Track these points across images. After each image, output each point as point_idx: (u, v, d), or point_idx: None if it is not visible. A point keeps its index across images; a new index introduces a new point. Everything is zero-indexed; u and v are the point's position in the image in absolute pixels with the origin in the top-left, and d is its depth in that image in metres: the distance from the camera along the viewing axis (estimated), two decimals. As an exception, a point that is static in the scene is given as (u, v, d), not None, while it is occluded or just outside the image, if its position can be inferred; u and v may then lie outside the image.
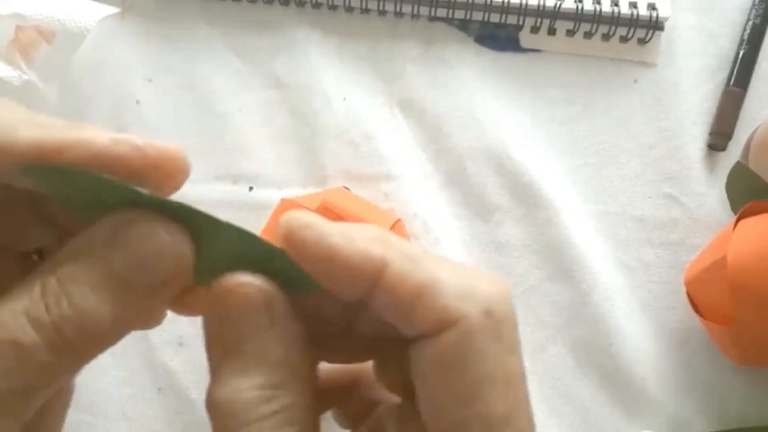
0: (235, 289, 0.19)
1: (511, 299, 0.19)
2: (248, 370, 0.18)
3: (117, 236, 0.18)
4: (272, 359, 0.18)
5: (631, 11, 0.47)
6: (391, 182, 0.46)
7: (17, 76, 0.43)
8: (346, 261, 0.18)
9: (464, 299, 0.18)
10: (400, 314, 0.18)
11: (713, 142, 0.47)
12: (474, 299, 0.18)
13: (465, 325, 0.18)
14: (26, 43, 0.43)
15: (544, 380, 0.45)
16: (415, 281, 0.18)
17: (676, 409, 0.44)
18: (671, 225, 0.46)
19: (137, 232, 0.18)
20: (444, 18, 0.49)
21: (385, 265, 0.18)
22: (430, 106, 0.48)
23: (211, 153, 0.47)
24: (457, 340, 0.18)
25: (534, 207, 0.46)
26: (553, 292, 0.45)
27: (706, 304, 0.42)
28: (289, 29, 0.49)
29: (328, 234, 0.18)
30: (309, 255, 0.18)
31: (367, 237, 0.19)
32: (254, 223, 0.45)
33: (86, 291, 0.17)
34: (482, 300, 0.18)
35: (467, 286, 0.18)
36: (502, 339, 0.18)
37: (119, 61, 0.48)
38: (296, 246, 0.19)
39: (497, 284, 0.19)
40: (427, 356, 0.18)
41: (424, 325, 0.18)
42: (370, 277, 0.18)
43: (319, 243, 0.18)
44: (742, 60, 0.48)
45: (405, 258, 0.18)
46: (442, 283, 0.18)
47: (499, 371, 0.18)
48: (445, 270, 0.19)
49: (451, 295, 0.18)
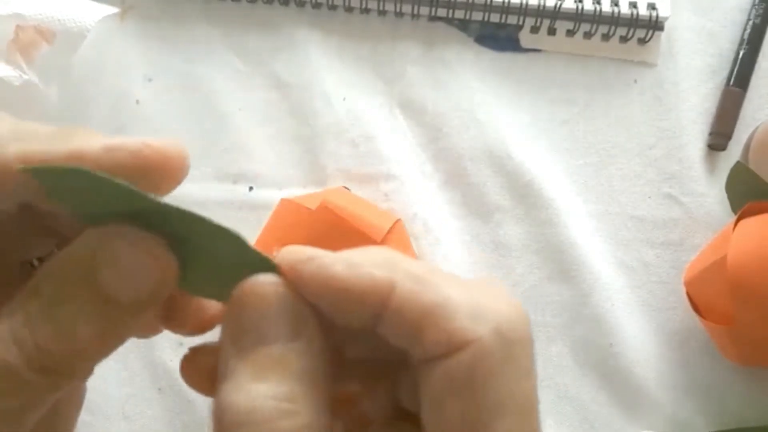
0: (265, 288, 0.18)
1: (526, 319, 0.18)
2: (268, 377, 0.17)
3: (99, 253, 0.17)
4: (295, 370, 0.17)
5: (631, 11, 0.47)
6: (391, 182, 0.46)
7: (17, 76, 0.43)
8: (351, 288, 0.17)
9: (476, 320, 0.17)
10: (409, 337, 0.18)
11: (713, 142, 0.47)
12: (486, 319, 0.17)
13: (477, 346, 0.17)
14: (26, 43, 0.43)
15: (544, 380, 0.45)
16: (424, 302, 0.17)
17: (676, 409, 0.44)
18: (671, 225, 0.46)
19: (119, 248, 0.17)
20: (444, 18, 0.49)
21: (392, 288, 0.17)
22: (430, 106, 0.48)
23: (211, 153, 0.47)
24: (468, 362, 0.17)
25: (534, 207, 0.46)
26: (553, 292, 0.45)
27: (706, 304, 0.42)
28: (289, 29, 0.49)
29: (330, 264, 0.18)
30: (313, 287, 0.18)
31: (371, 261, 0.18)
32: (254, 223, 0.45)
33: (68, 310, 0.17)
34: (495, 320, 0.17)
35: (479, 306, 0.18)
36: (517, 362, 0.17)
37: (119, 61, 0.48)
38: (299, 281, 0.18)
39: (511, 303, 0.18)
40: (437, 379, 0.17)
41: (435, 347, 0.17)
42: (378, 302, 0.17)
43: (321, 274, 0.18)
44: (742, 60, 0.48)
45: (412, 279, 0.18)
46: (453, 303, 0.17)
47: (512, 398, 0.17)
48: (456, 289, 0.18)
49: (463, 315, 0.17)
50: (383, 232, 0.39)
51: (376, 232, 0.39)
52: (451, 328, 0.17)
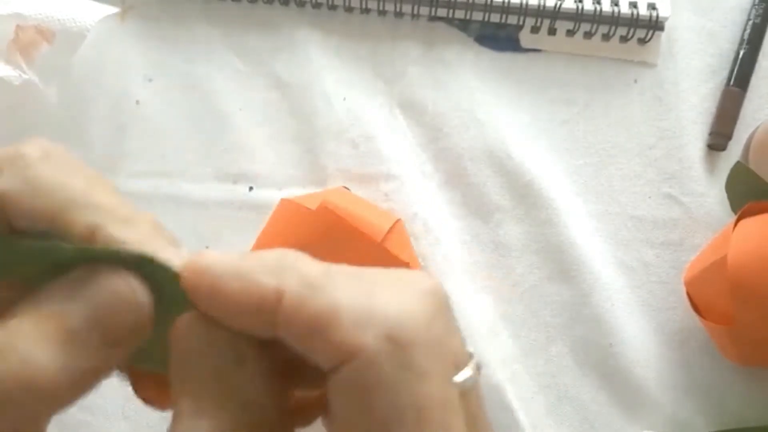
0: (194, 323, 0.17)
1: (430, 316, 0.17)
2: (206, 411, 0.17)
3: (75, 290, 0.17)
4: (236, 401, 0.17)
5: (631, 11, 0.47)
6: (391, 182, 0.46)
7: (17, 76, 0.43)
8: (240, 301, 0.17)
9: (363, 327, 0.16)
10: (303, 347, 0.17)
11: (713, 142, 0.47)
12: (374, 325, 0.16)
13: (363, 356, 0.16)
14: (26, 43, 0.43)
15: (544, 380, 0.45)
16: (310, 311, 0.16)
17: (676, 409, 0.44)
18: (671, 225, 0.46)
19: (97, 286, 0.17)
20: (444, 18, 0.49)
21: (279, 297, 0.17)
22: (430, 106, 0.48)
23: (211, 153, 0.47)
24: (357, 373, 0.16)
25: (534, 207, 0.46)
26: (553, 292, 0.45)
27: (706, 304, 0.42)
28: (289, 29, 0.49)
29: (219, 275, 0.17)
30: (207, 301, 0.17)
31: (262, 267, 0.17)
32: (254, 223, 0.45)
33: (32, 344, 0.16)
34: (385, 324, 0.16)
35: (371, 309, 0.17)
36: (411, 366, 0.16)
37: (119, 61, 0.48)
38: (195, 294, 0.18)
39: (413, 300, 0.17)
40: (332, 390, 0.17)
41: (324, 359, 0.17)
42: (267, 312, 0.17)
43: (213, 287, 0.17)
44: (742, 60, 0.48)
45: (302, 285, 0.17)
46: (339, 311, 0.16)
47: (409, 404, 0.16)
48: (349, 292, 0.17)
49: (348, 324, 0.16)
50: (383, 232, 0.39)
51: (376, 232, 0.39)
52: (337, 340, 0.16)
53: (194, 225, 0.46)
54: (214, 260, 0.18)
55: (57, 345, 0.16)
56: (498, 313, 0.45)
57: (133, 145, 0.47)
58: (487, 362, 0.44)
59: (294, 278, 0.17)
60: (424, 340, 0.17)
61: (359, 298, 0.17)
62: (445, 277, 0.45)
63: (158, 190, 0.46)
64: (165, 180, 0.47)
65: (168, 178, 0.47)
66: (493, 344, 0.44)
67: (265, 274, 0.17)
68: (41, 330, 0.16)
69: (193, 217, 0.46)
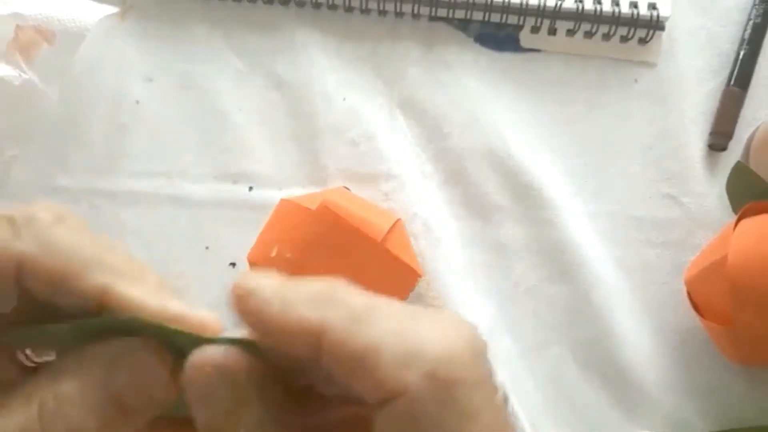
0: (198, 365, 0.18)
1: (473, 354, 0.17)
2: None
3: (117, 360, 0.18)
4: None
5: (631, 11, 0.47)
6: (391, 182, 0.46)
7: (17, 76, 0.43)
8: (284, 330, 0.17)
9: (405, 365, 0.16)
10: (347, 381, 0.17)
11: (713, 142, 0.47)
12: (417, 363, 0.16)
13: (407, 395, 0.16)
14: (26, 43, 0.43)
15: (544, 380, 0.45)
16: (353, 347, 0.17)
17: (676, 409, 0.44)
18: (671, 225, 0.46)
19: (137, 359, 0.18)
20: (444, 18, 0.49)
21: (323, 331, 0.17)
22: (430, 106, 0.48)
23: (211, 153, 0.47)
24: (401, 413, 0.16)
25: (534, 207, 0.46)
26: (553, 292, 0.45)
27: (706, 304, 0.42)
28: (289, 29, 0.49)
29: (265, 301, 0.18)
30: (254, 326, 0.18)
31: (307, 298, 0.18)
32: (254, 223, 0.45)
33: (82, 413, 0.18)
34: (429, 362, 0.16)
35: (414, 347, 0.16)
36: (456, 404, 0.16)
37: (119, 61, 0.48)
38: (243, 317, 0.18)
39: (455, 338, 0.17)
40: (380, 427, 0.17)
41: (368, 395, 0.17)
42: (311, 344, 0.17)
43: (258, 312, 0.18)
44: (742, 60, 0.48)
45: (347, 319, 0.17)
46: (381, 348, 0.16)
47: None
48: (392, 327, 0.17)
49: (391, 362, 0.16)
50: (383, 232, 0.39)
51: (376, 232, 0.39)
52: (380, 377, 0.16)
53: (194, 225, 0.46)
54: (260, 284, 0.18)
55: (101, 411, 0.18)
56: (498, 313, 0.45)
57: (133, 145, 0.47)
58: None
59: (338, 312, 0.17)
60: (470, 379, 0.17)
61: (403, 335, 0.17)
62: (445, 277, 0.45)
63: (158, 190, 0.46)
64: (165, 180, 0.47)
65: (168, 178, 0.47)
66: (493, 344, 0.44)
67: (309, 305, 0.17)
68: (88, 397, 0.18)
69: (193, 217, 0.46)
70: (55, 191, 0.46)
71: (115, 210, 0.46)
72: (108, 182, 0.47)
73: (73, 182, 0.47)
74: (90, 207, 0.46)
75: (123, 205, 0.46)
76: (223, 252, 0.46)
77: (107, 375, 0.18)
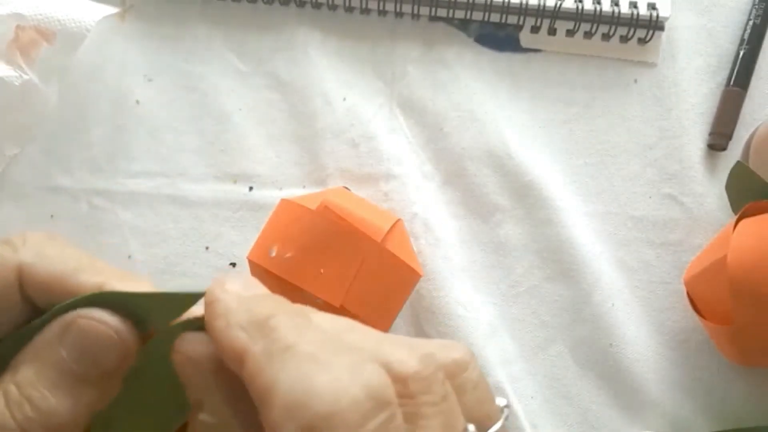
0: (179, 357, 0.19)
1: (366, 400, 0.16)
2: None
3: (64, 336, 0.19)
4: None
5: (631, 11, 0.47)
6: (391, 182, 0.46)
7: (17, 76, 0.43)
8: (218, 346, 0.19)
9: (289, 416, 0.16)
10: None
11: (713, 142, 0.47)
12: (298, 415, 0.16)
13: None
14: (26, 43, 0.43)
15: (544, 380, 0.45)
16: (258, 384, 0.17)
17: (676, 409, 0.44)
18: (671, 225, 0.46)
19: (81, 329, 0.19)
20: (444, 18, 0.49)
21: (244, 359, 0.18)
22: (430, 106, 0.48)
23: (211, 153, 0.47)
24: None
25: (534, 207, 0.46)
26: (553, 292, 0.45)
27: (706, 304, 0.42)
28: (289, 29, 0.49)
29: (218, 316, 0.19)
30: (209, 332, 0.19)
31: (249, 322, 0.18)
32: (254, 223, 0.45)
33: (44, 393, 0.19)
34: (306, 417, 0.16)
35: (298, 399, 0.16)
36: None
37: (119, 61, 0.48)
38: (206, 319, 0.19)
39: (341, 389, 0.16)
40: None
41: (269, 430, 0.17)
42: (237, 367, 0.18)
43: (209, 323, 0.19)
44: (742, 60, 0.48)
45: (264, 354, 0.17)
46: (276, 391, 0.17)
47: None
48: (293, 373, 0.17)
49: (281, 408, 0.16)
50: (383, 232, 0.39)
51: (376, 232, 0.39)
52: (270, 421, 0.17)
53: (194, 225, 0.46)
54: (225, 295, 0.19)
55: (62, 388, 0.19)
56: (498, 312, 0.45)
57: (133, 146, 0.47)
58: (487, 362, 0.44)
59: (263, 344, 0.18)
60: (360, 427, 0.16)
61: (300, 381, 0.17)
62: (445, 277, 0.45)
63: (158, 190, 0.46)
64: (165, 180, 0.47)
65: (168, 178, 0.47)
66: (493, 344, 0.44)
67: (247, 330, 0.18)
68: (43, 377, 0.19)
69: (193, 217, 0.46)
70: (55, 191, 0.46)
71: (115, 210, 0.46)
72: (108, 182, 0.47)
73: (73, 182, 0.47)
74: (90, 207, 0.46)
75: (123, 205, 0.46)
76: (223, 252, 0.46)
77: (55, 351, 0.19)
